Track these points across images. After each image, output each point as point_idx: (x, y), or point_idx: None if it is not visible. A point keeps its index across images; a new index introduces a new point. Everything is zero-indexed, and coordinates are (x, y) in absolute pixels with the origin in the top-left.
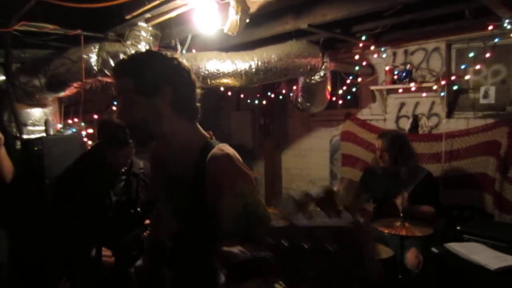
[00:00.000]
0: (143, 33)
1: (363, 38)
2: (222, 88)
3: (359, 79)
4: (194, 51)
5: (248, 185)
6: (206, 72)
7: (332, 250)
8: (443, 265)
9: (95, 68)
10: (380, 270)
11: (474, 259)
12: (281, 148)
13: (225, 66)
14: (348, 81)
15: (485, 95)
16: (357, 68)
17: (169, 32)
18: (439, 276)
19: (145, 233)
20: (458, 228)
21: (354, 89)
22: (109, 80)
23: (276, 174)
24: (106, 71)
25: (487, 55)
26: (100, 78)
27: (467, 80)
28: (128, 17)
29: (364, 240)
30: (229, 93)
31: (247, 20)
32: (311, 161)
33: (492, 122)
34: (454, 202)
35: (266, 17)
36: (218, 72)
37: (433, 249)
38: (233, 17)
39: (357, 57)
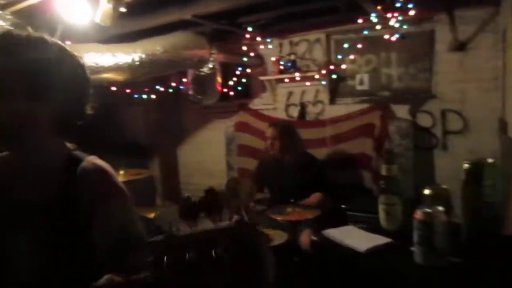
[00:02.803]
0: (0, 22)
1: (250, 29)
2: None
3: (249, 70)
4: (69, 42)
5: (124, 203)
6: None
7: (218, 256)
8: (322, 251)
9: None
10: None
11: (347, 243)
12: (177, 142)
13: (104, 60)
14: (238, 72)
15: (361, 82)
16: (245, 59)
17: (35, 21)
18: (320, 263)
19: None
20: (343, 206)
21: (245, 80)
22: None
23: (173, 169)
24: None
25: (359, 46)
26: None
27: (345, 69)
28: None
29: (257, 239)
30: (114, 88)
31: (123, 9)
32: (208, 154)
33: (368, 107)
34: (339, 182)
35: (149, 6)
36: (97, 66)
37: (313, 237)
38: (105, 5)
39: (245, 48)
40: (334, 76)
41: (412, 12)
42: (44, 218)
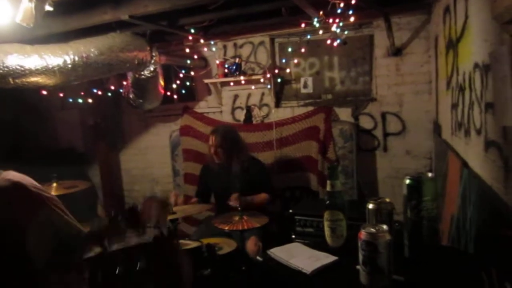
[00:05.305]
0: None
1: (192, 31)
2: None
3: (192, 73)
4: None
5: (52, 209)
6: (6, 69)
7: (142, 267)
8: (267, 272)
9: None
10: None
11: (292, 264)
12: (118, 148)
13: (31, 62)
14: (181, 75)
15: (305, 85)
16: (189, 61)
17: None
18: (265, 284)
19: None
20: (290, 211)
21: (189, 83)
22: None
23: (115, 176)
24: None
25: (303, 50)
26: None
27: (290, 72)
28: None
29: (173, 251)
30: (44, 92)
31: (49, 8)
32: (152, 159)
33: (312, 110)
34: (286, 185)
35: (82, 4)
36: (23, 69)
37: (258, 258)
38: (27, 4)
39: (187, 50)
40: (279, 80)
41: (352, 19)
42: None
